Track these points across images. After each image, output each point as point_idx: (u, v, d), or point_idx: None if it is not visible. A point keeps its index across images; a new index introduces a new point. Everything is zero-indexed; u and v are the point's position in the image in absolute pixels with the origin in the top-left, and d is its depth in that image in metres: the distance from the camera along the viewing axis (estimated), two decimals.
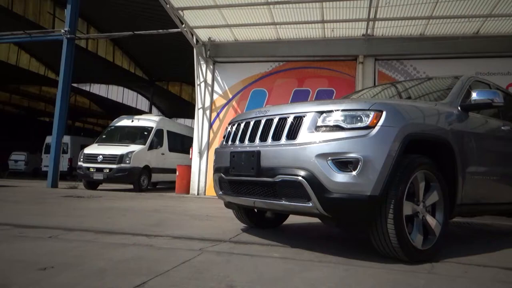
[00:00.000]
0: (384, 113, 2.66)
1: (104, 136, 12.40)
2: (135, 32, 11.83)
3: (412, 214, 2.74)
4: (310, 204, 2.63)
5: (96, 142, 12.03)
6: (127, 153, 10.68)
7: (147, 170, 11.37)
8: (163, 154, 12.42)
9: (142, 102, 34.18)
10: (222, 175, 3.39)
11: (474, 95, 3.35)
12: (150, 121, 12.55)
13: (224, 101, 10.09)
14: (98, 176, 10.53)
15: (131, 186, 11.22)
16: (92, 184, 11.06)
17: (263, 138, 3.02)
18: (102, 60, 22.56)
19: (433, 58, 8.92)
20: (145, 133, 11.98)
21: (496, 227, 5.70)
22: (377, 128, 2.60)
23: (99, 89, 30.27)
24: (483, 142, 3.53)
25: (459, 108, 3.38)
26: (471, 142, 3.32)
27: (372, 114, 2.66)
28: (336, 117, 2.71)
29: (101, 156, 10.70)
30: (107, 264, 2.31)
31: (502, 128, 3.87)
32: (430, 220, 2.83)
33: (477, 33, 8.54)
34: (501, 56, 8.57)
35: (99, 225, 3.90)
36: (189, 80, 18.15)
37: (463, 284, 2.24)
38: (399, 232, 2.55)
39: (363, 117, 2.67)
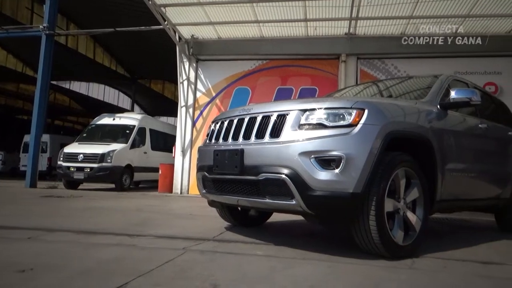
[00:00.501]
0: (366, 112, 2.69)
1: (84, 135, 12.17)
2: (116, 28, 11.62)
3: (393, 211, 2.78)
4: (294, 202, 2.64)
5: (77, 141, 11.81)
6: (109, 152, 10.51)
7: (129, 169, 11.23)
8: (145, 152, 12.27)
9: (124, 100, 33.66)
10: (206, 173, 3.38)
11: (452, 94, 3.43)
12: (132, 119, 12.38)
13: (207, 99, 10.03)
14: (79, 176, 10.33)
15: (112, 186, 11.05)
16: (73, 184, 10.85)
17: (247, 136, 3.02)
18: (82, 57, 22.10)
19: (414, 57, 9.07)
20: (127, 131, 11.81)
21: (474, 222, 5.85)
22: (359, 126, 2.64)
23: (79, 87, 29.64)
24: (461, 140, 3.61)
25: (438, 106, 3.45)
26: (450, 140, 3.40)
27: (354, 112, 2.69)
28: (319, 115, 2.73)
29: (81, 155, 10.51)
30: (89, 265, 2.27)
31: (480, 126, 3.98)
32: (411, 216, 2.89)
33: (456, 32, 8.73)
34: (478, 56, 8.78)
35: (81, 225, 3.83)
36: (172, 78, 18.01)
37: (443, 278, 2.30)
38: (381, 229, 2.59)
39: (345, 115, 2.70)
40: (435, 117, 3.32)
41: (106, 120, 12.49)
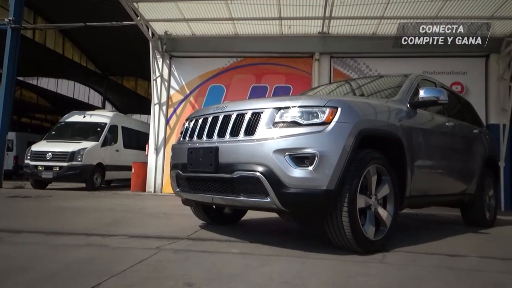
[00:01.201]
0: (339, 110, 2.74)
1: (53, 133, 11.77)
2: (87, 23, 11.29)
3: (365, 207, 2.85)
4: (268, 200, 2.66)
5: (45, 139, 11.39)
6: (79, 150, 10.22)
7: (101, 168, 10.95)
8: (117, 151, 12.01)
9: (95, 98, 32.74)
10: (180, 171, 3.35)
11: (421, 93, 3.54)
12: (103, 116, 12.07)
13: (181, 97, 9.92)
14: (47, 175, 9.99)
15: (83, 185, 10.76)
16: (41, 184, 10.48)
17: (221, 134, 3.01)
18: (51, 52, 21.30)
19: (385, 57, 9.29)
20: (98, 129, 11.51)
21: (441, 217, 6.07)
22: (332, 124, 2.68)
23: (47, 83, 28.59)
24: (429, 138, 3.74)
25: (408, 105, 3.55)
26: (419, 138, 3.51)
27: (327, 111, 2.73)
28: (293, 113, 2.75)
29: (50, 154, 10.16)
30: (59, 266, 2.21)
31: (447, 124, 4.12)
32: (382, 212, 2.96)
33: (424, 33, 9.00)
34: (445, 56, 9.09)
35: (49, 226, 3.71)
36: (145, 75, 17.63)
37: (412, 271, 2.37)
38: (353, 225, 2.65)
39: (319, 114, 2.73)
40: (405, 116, 3.41)
41: (76, 117, 12.13)
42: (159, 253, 2.60)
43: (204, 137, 3.16)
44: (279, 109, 2.80)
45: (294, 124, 2.72)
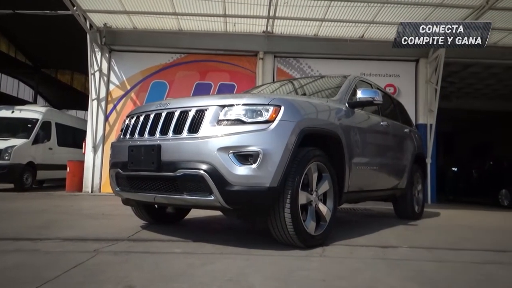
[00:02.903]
0: (282, 108, 2.80)
1: None
2: (16, 10, 10.41)
3: (306, 203, 2.94)
4: (212, 198, 2.65)
5: None
6: (6, 148, 9.41)
7: (31, 167, 10.17)
8: (51, 149, 11.24)
9: (25, 91, 30.30)
10: (120, 170, 3.22)
11: (359, 93, 3.72)
12: (35, 112, 11.21)
13: (121, 92, 9.52)
14: None
15: (12, 186, 9.94)
16: None
17: (164, 131, 2.94)
18: None
19: (326, 58, 9.65)
20: (29, 125, 10.69)
21: (376, 211, 6.45)
22: (276, 122, 2.73)
23: None
24: (366, 136, 3.95)
25: (346, 105, 3.72)
26: (356, 136, 3.69)
27: (271, 109, 2.78)
28: (238, 111, 2.76)
29: None
30: None
31: (381, 123, 4.38)
32: (322, 207, 3.08)
33: (362, 37, 9.48)
34: (380, 59, 9.67)
35: None
36: (82, 69, 16.72)
37: (350, 263, 2.50)
38: (295, 221, 2.72)
39: (263, 112, 2.77)
40: (344, 115, 3.57)
41: (3, 113, 11.13)
42: (97, 256, 2.48)
43: (146, 135, 3.07)
44: (223, 106, 2.80)
45: (238, 122, 2.73)
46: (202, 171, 2.63)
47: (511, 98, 14.57)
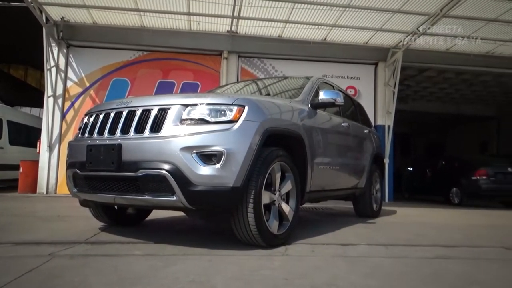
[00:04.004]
0: (246, 108, 2.81)
1: None
2: None
3: (269, 203, 2.97)
4: (175, 198, 2.61)
5: None
6: None
7: None
8: (2, 148, 10.60)
9: None
10: (77, 170, 3.10)
11: (321, 95, 3.80)
12: None
13: (80, 90, 9.15)
14: None
15: None
16: None
17: (125, 130, 2.86)
18: None
19: (289, 59, 9.78)
20: None
21: (337, 210, 6.62)
22: (239, 122, 2.73)
23: None
24: (327, 136, 4.04)
25: (309, 105, 3.79)
26: (318, 136, 3.77)
27: (235, 109, 2.78)
28: (201, 111, 2.74)
29: None
30: None
31: (342, 124, 4.50)
32: (285, 207, 3.12)
33: (325, 40, 9.69)
34: (342, 62, 9.94)
35: None
36: (37, 64, 15.91)
37: (311, 261, 2.55)
38: (258, 220, 2.74)
39: (227, 111, 2.77)
40: (306, 116, 3.63)
41: None
42: (53, 260, 2.37)
43: (106, 134, 2.97)
44: (186, 106, 2.77)
45: (202, 121, 2.72)
46: (164, 171, 2.58)
47: (463, 101, 15.47)
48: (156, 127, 2.75)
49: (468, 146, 18.22)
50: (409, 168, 13.97)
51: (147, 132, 2.76)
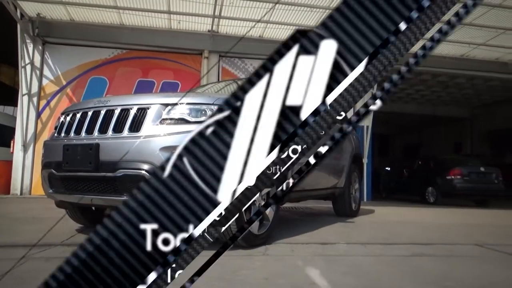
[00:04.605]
0: None
1: None
2: None
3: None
4: None
5: None
6: None
7: None
8: None
9: None
10: (53, 171, 3.02)
11: None
12: None
13: (56, 88, 8.93)
14: None
15: None
16: None
17: (103, 130, 2.82)
18: None
19: None
20: None
21: (316, 209, 6.69)
22: None
23: None
24: None
25: None
26: None
27: (215, 109, 2.76)
28: (181, 110, 2.73)
29: None
30: None
31: None
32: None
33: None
34: None
35: None
36: (11, 61, 15.41)
37: (291, 261, 2.57)
38: (239, 221, 2.73)
39: (207, 111, 2.76)
40: None
41: None
42: (28, 263, 2.31)
43: (83, 133, 2.92)
44: (166, 105, 2.75)
45: (182, 121, 2.70)
46: (143, 171, 2.55)
47: (438, 103, 15.90)
48: (136, 126, 2.71)
49: (444, 147, 18.74)
50: (386, 168, 14.24)
51: (126, 132, 2.72)
